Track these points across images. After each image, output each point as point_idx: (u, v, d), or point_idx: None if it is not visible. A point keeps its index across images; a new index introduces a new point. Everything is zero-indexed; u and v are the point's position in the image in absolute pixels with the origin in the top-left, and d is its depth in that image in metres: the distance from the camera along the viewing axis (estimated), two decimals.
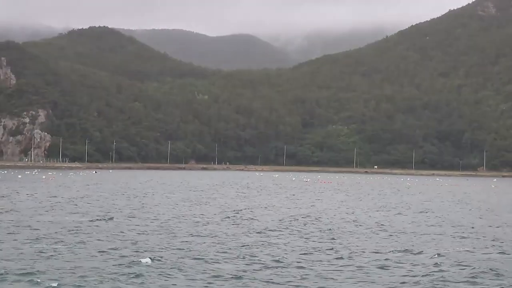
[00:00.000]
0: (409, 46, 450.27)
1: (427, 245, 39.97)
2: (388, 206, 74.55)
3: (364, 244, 39.62)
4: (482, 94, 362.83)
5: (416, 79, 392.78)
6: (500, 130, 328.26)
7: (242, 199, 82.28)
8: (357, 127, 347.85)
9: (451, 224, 53.47)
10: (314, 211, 64.79)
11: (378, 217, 58.82)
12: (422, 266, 32.34)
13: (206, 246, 37.49)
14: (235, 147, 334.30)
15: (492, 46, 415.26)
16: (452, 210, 71.52)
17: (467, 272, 30.67)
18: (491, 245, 40.50)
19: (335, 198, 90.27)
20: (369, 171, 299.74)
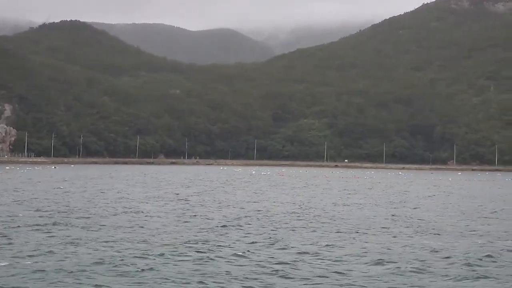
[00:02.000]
0: (383, 40, 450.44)
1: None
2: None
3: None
4: (455, 88, 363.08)
5: (390, 73, 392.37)
6: (471, 124, 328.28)
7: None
8: (328, 121, 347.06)
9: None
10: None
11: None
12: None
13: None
14: (206, 141, 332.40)
15: (466, 40, 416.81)
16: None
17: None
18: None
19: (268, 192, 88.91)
20: (339, 165, 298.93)
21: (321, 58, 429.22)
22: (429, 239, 38.82)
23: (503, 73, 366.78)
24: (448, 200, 78.24)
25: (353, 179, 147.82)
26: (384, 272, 28.57)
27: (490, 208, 64.95)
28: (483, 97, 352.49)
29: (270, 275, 27.51)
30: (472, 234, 42.24)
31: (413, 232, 42.35)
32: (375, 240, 37.86)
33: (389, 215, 54.35)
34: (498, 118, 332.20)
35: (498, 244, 37.23)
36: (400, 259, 31.52)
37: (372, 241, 37.63)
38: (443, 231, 43.10)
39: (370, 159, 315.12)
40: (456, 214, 57.19)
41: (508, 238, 40.34)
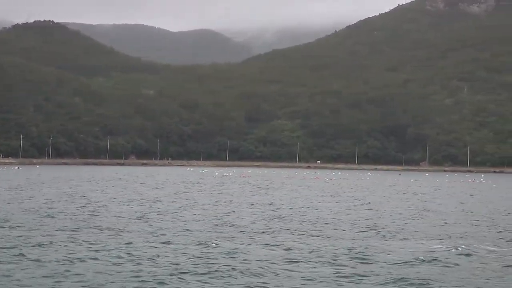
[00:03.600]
0: (358, 41, 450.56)
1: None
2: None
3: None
4: (429, 89, 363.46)
5: (364, 74, 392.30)
6: (444, 125, 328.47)
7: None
8: (302, 122, 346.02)
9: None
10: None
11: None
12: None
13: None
14: (178, 142, 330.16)
15: (440, 41, 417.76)
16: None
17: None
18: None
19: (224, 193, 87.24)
20: (312, 166, 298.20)
21: (296, 59, 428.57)
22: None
23: (477, 74, 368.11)
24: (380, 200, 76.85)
25: (314, 179, 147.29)
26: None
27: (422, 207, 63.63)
28: (457, 98, 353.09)
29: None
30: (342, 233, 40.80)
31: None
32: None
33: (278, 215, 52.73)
34: (471, 119, 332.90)
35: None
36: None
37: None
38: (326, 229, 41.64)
39: (343, 160, 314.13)
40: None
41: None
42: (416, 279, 26.53)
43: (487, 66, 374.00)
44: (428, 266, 29.50)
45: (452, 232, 42.78)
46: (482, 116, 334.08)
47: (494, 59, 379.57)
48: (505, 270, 29.17)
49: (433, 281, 26.32)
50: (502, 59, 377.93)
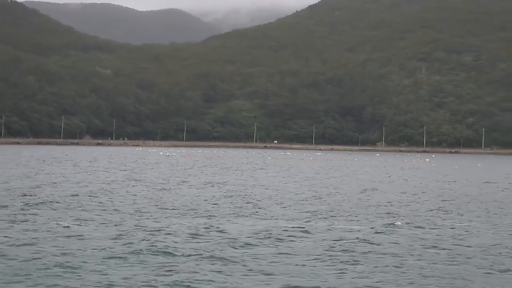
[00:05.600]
0: (319, 20, 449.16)
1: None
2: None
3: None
4: (387, 70, 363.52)
5: (323, 54, 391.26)
6: (400, 105, 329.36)
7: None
8: (259, 102, 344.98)
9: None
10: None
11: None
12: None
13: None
14: (135, 122, 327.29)
15: (399, 21, 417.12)
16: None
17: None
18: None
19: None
20: (268, 146, 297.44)
21: (255, 39, 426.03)
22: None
23: (435, 55, 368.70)
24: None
25: (231, 158, 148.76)
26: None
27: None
28: (414, 78, 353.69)
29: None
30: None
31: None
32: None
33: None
34: (428, 100, 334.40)
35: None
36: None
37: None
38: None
39: (300, 140, 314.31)
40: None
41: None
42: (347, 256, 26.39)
43: (445, 46, 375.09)
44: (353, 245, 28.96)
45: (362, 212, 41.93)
46: (439, 97, 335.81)
47: (452, 39, 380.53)
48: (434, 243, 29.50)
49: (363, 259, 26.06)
50: (460, 40, 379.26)
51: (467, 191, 63.12)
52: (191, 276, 22.46)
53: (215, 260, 25.23)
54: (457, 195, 57.47)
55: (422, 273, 23.66)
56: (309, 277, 23.00)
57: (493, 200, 53.33)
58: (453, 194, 58.52)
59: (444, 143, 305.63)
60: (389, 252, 27.35)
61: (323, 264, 25.09)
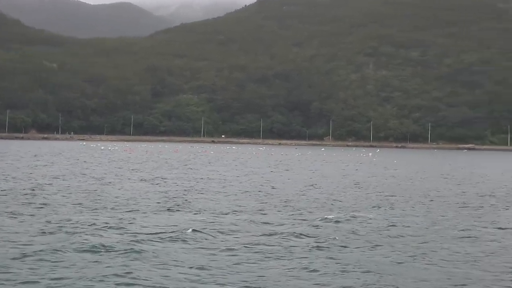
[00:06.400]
0: (267, 15, 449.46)
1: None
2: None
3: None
4: (334, 64, 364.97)
5: (271, 49, 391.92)
6: (348, 100, 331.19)
7: None
8: (207, 97, 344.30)
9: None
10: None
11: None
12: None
13: None
14: (82, 116, 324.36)
15: (347, 17, 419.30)
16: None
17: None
18: None
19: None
20: (216, 141, 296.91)
21: (204, 33, 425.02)
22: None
23: (382, 50, 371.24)
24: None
25: (173, 153, 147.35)
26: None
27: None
28: (362, 73, 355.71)
29: None
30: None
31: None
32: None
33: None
34: (375, 95, 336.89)
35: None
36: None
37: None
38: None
39: (248, 135, 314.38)
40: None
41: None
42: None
43: (393, 42, 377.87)
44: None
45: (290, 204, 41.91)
46: (386, 92, 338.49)
47: (400, 35, 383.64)
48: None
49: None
50: (408, 35, 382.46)
51: (400, 185, 63.68)
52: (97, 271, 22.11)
53: (129, 253, 24.83)
54: (386, 188, 58.04)
55: (350, 265, 23.70)
56: (228, 272, 22.63)
57: (422, 193, 53.69)
58: (385, 188, 58.80)
59: (391, 138, 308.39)
60: (315, 246, 27.20)
61: (244, 259, 24.74)
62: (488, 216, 38.60)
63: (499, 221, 36.54)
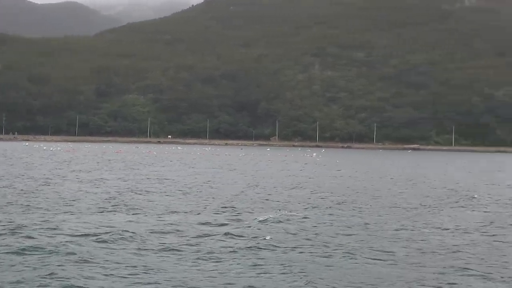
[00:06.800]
0: (214, 15, 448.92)
1: None
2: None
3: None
4: (281, 65, 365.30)
5: (218, 49, 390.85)
6: (294, 100, 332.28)
7: None
8: (153, 97, 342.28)
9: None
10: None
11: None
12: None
13: None
14: (26, 117, 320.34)
15: (294, 17, 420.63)
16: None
17: None
18: None
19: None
20: (162, 141, 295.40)
21: (150, 33, 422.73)
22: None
23: (328, 51, 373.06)
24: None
25: (116, 153, 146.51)
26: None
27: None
28: (308, 74, 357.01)
29: None
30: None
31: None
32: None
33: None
34: (321, 95, 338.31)
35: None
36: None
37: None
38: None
39: (194, 135, 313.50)
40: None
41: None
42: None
43: (339, 42, 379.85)
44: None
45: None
46: (332, 92, 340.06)
47: (346, 35, 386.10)
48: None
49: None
50: (353, 36, 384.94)
51: (340, 185, 64.14)
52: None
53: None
54: (326, 188, 58.40)
55: (278, 266, 23.84)
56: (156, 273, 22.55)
57: (361, 193, 54.22)
58: (325, 188, 59.15)
59: (337, 138, 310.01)
60: (246, 246, 27.34)
61: (174, 260, 24.72)
62: (422, 217, 38.94)
63: (433, 221, 36.89)
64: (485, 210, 43.02)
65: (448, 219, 38.08)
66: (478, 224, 36.28)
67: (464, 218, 38.82)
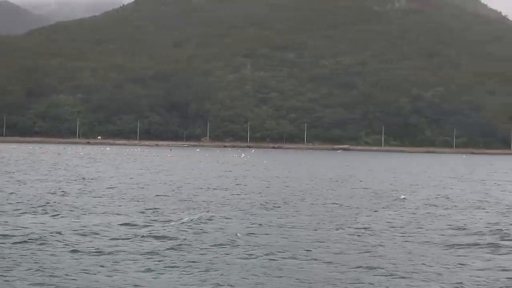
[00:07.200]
0: (145, 15, 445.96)
1: None
2: None
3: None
4: (212, 65, 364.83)
5: (149, 49, 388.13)
6: (225, 101, 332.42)
7: None
8: (83, 97, 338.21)
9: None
10: None
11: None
12: None
13: None
14: None
15: (226, 18, 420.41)
16: None
17: None
18: None
19: None
20: (92, 142, 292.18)
21: (80, 32, 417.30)
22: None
23: (259, 51, 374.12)
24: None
25: (41, 154, 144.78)
26: None
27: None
28: (240, 74, 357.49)
29: None
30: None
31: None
32: None
33: None
34: (252, 96, 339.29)
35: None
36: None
37: None
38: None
39: (125, 136, 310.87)
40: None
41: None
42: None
43: (270, 43, 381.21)
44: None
45: None
46: (263, 93, 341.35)
47: (277, 36, 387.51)
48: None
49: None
50: (285, 37, 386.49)
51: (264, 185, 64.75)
52: None
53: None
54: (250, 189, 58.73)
55: (191, 267, 23.82)
56: (70, 275, 22.23)
57: (285, 193, 54.46)
58: (249, 188, 59.38)
59: (268, 138, 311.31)
60: (166, 247, 27.26)
61: (92, 262, 24.37)
62: (344, 217, 39.08)
63: (354, 222, 37.12)
64: (407, 211, 43.30)
65: (369, 219, 38.36)
66: (397, 224, 36.61)
67: (385, 218, 39.12)
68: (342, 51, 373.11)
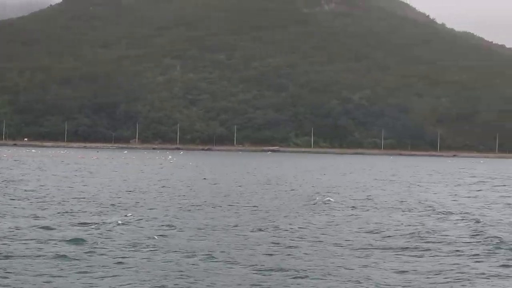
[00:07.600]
0: (74, 15, 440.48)
1: None
2: None
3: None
4: (142, 67, 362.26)
5: (77, 50, 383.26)
6: (155, 102, 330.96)
7: None
8: (9, 98, 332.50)
9: None
10: None
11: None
12: None
13: None
14: None
15: (156, 19, 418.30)
16: None
17: None
18: None
19: None
20: (19, 144, 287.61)
21: (6, 33, 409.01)
22: None
23: (190, 53, 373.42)
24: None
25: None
26: None
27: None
28: (169, 76, 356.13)
29: None
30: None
31: None
32: None
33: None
34: (182, 97, 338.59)
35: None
36: None
37: None
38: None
39: (52, 138, 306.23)
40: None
41: None
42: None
43: (200, 44, 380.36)
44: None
45: None
46: (193, 94, 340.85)
47: (207, 38, 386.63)
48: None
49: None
50: (215, 38, 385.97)
51: (184, 186, 64.53)
52: None
53: None
54: (171, 191, 58.61)
55: (99, 271, 23.33)
56: None
57: (206, 195, 54.66)
58: (169, 190, 59.10)
59: (198, 140, 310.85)
60: (83, 251, 26.74)
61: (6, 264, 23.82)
62: (266, 219, 38.84)
63: (274, 224, 36.84)
64: (328, 212, 43.19)
65: (289, 221, 38.16)
66: (316, 226, 36.52)
67: (306, 220, 38.96)
68: (272, 53, 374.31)
